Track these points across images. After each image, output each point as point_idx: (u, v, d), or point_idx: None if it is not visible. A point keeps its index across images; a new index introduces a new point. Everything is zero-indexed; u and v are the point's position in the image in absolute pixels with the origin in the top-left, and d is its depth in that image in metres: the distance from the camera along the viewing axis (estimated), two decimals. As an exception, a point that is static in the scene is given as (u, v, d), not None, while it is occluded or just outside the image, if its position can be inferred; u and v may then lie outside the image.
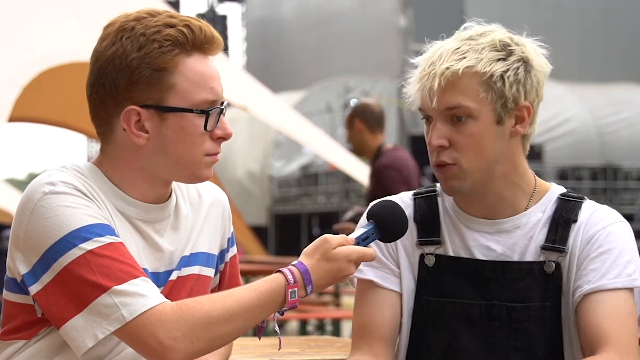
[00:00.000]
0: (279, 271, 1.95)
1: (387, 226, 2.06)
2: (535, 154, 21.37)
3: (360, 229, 2.04)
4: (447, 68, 2.09)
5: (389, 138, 26.85)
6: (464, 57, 2.10)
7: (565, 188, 2.26)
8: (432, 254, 2.21)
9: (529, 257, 2.15)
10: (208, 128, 1.97)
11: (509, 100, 2.11)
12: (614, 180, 23.75)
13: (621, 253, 2.12)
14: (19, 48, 8.41)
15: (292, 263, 1.96)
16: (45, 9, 8.92)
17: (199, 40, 1.96)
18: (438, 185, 2.23)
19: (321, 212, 22.95)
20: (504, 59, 2.11)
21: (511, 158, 2.16)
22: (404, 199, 2.27)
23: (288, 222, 24.07)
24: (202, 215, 2.13)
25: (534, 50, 2.16)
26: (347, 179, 20.32)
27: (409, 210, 2.23)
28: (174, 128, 1.96)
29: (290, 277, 1.93)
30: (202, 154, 1.98)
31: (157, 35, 1.94)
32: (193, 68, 1.96)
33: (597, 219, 2.16)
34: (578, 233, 2.15)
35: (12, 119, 8.65)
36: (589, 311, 2.08)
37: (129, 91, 1.94)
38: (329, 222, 20.90)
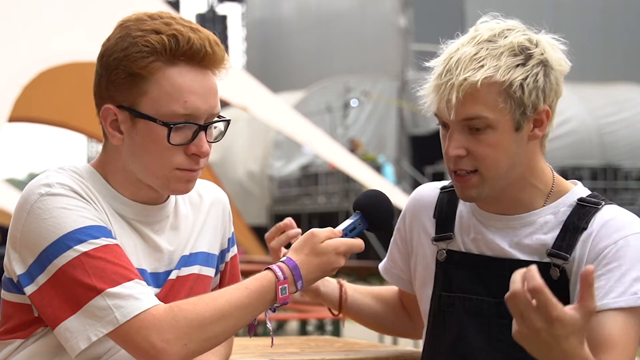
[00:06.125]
0: (269, 268, 1.95)
1: (373, 216, 2.07)
2: (535, 154, 21.29)
3: (346, 221, 2.05)
4: (465, 79, 2.02)
5: (389, 138, 26.63)
6: (482, 66, 2.02)
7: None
8: (444, 249, 2.23)
9: (536, 257, 2.12)
10: (172, 142, 1.92)
11: (527, 107, 2.05)
12: (614, 180, 23.72)
13: (630, 270, 2.01)
14: (19, 48, 8.41)
15: (281, 259, 1.96)
16: (46, 9, 8.93)
17: (182, 51, 1.91)
18: None
19: (321, 212, 22.92)
20: (523, 64, 2.04)
21: (528, 160, 2.12)
22: (433, 191, 2.31)
23: (288, 222, 24.00)
24: (203, 215, 2.12)
25: (552, 48, 2.09)
26: (347, 179, 20.29)
27: (431, 205, 2.27)
28: (142, 135, 1.94)
29: (279, 273, 1.93)
30: (170, 167, 1.94)
31: (140, 40, 1.91)
32: (171, 78, 1.91)
33: (609, 230, 2.06)
34: (586, 243, 2.07)
35: (12, 119, 8.65)
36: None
37: (108, 89, 1.94)
38: (329, 222, 20.89)
